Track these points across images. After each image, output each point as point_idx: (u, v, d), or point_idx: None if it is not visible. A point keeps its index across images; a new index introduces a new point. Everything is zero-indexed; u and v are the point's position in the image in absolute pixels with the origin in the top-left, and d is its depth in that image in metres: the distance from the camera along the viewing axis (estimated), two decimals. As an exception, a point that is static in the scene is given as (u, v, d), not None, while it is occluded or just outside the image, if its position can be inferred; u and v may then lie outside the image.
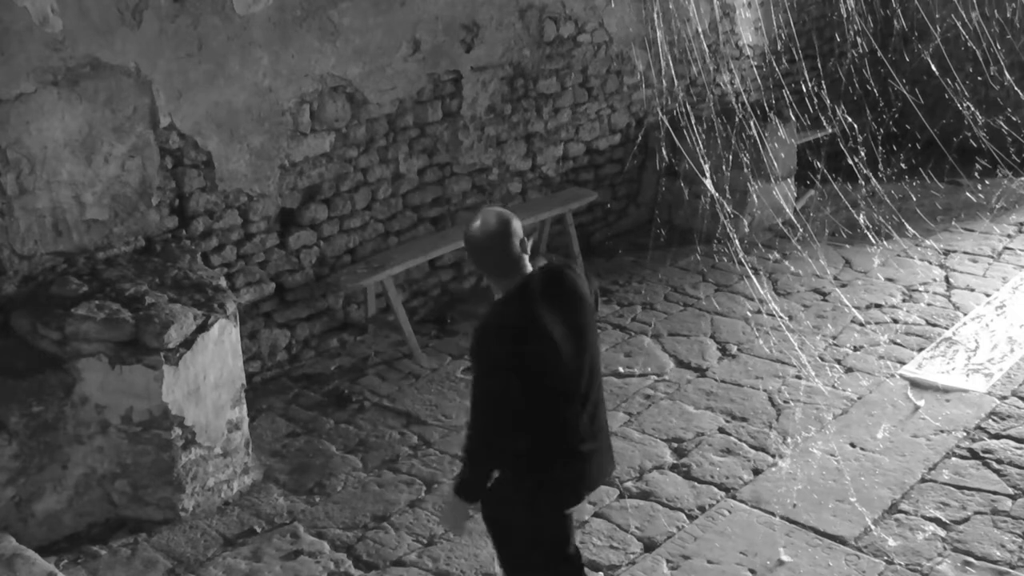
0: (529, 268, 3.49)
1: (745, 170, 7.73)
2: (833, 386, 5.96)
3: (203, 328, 4.87)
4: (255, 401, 5.71)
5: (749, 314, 6.88)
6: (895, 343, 6.43)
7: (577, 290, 3.55)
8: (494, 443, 3.48)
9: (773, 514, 4.83)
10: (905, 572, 4.43)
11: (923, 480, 5.05)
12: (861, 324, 6.68)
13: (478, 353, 3.45)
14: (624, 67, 8.01)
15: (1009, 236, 8.05)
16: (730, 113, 7.90)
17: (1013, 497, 4.88)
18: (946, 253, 7.76)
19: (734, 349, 6.44)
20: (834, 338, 6.55)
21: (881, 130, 8.71)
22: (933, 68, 8.59)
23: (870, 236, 7.73)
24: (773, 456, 5.31)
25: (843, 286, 7.21)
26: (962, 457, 5.22)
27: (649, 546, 4.67)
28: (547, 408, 3.47)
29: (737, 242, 7.19)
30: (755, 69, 8.83)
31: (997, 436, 5.37)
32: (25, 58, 4.87)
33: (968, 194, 8.67)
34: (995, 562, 4.46)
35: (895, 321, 6.73)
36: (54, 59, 4.96)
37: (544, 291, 3.45)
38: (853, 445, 5.37)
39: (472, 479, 3.55)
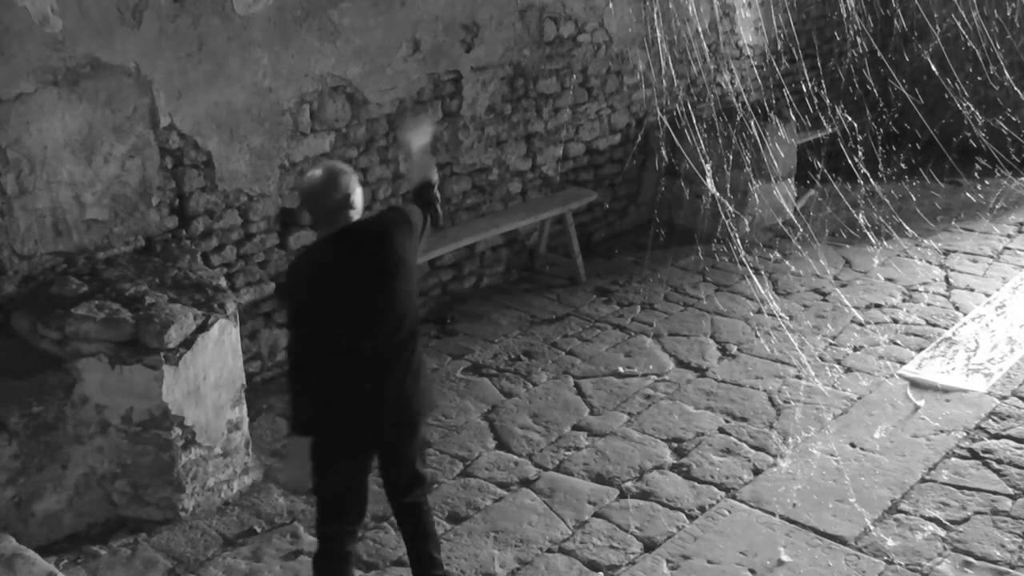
0: (351, 221, 3.76)
1: (746, 169, 7.73)
2: (833, 386, 5.96)
3: (203, 328, 4.87)
4: (255, 401, 5.71)
5: (749, 314, 6.88)
6: (895, 343, 6.44)
7: (387, 243, 3.77)
8: (294, 373, 3.78)
9: (773, 514, 4.83)
10: (905, 572, 4.44)
11: (923, 480, 5.05)
12: (861, 324, 6.68)
13: (280, 287, 3.87)
14: (624, 67, 8.01)
15: (1009, 236, 8.06)
16: (730, 113, 7.90)
17: (1013, 497, 4.88)
18: (946, 253, 7.76)
19: (734, 349, 6.44)
20: (834, 338, 6.56)
21: (881, 130, 8.71)
22: (933, 68, 8.59)
23: (870, 236, 7.74)
24: (773, 456, 5.31)
25: (843, 286, 7.22)
26: (962, 457, 5.22)
27: (649, 546, 4.67)
28: (332, 347, 3.72)
29: (738, 242, 7.19)
30: (755, 69, 8.83)
31: (997, 436, 5.38)
32: (25, 58, 4.87)
33: (968, 194, 8.68)
34: (995, 562, 4.46)
35: (895, 321, 6.73)
36: (54, 59, 4.96)
37: (345, 238, 3.73)
38: (853, 445, 5.37)
39: (292, 408, 3.82)
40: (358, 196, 3.79)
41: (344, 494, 3.94)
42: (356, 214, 3.79)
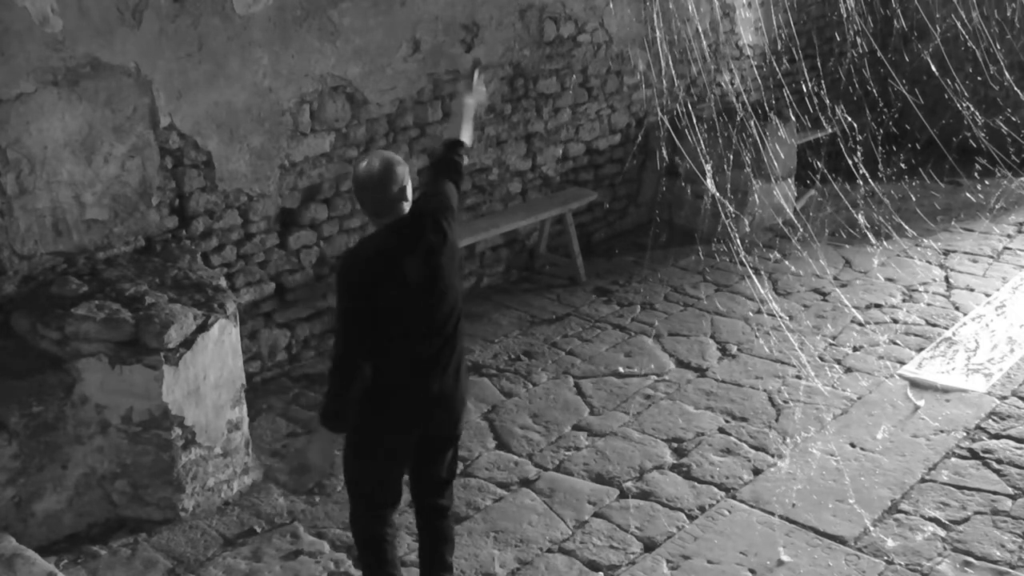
0: (405, 212, 3.72)
1: (746, 169, 7.74)
2: (833, 386, 5.96)
3: (203, 328, 4.87)
4: (255, 401, 5.71)
5: (749, 314, 6.89)
6: (895, 343, 6.44)
7: (440, 233, 3.76)
8: (344, 369, 3.65)
9: (773, 514, 4.83)
10: (905, 572, 4.43)
11: (923, 480, 5.05)
12: (861, 324, 6.68)
13: (336, 281, 3.74)
14: (624, 67, 8.01)
15: (1009, 236, 8.06)
16: (730, 113, 7.91)
17: (1013, 497, 4.88)
18: (946, 253, 7.77)
19: (734, 349, 6.44)
20: (834, 338, 6.56)
21: (881, 130, 8.71)
22: (933, 68, 8.60)
23: (870, 236, 7.74)
24: (773, 456, 5.31)
25: (843, 286, 7.22)
26: (962, 457, 5.22)
27: (649, 546, 4.67)
28: (391, 339, 3.67)
29: (738, 242, 7.19)
30: (755, 69, 8.83)
31: (997, 436, 5.38)
32: (25, 58, 4.87)
33: (968, 194, 8.68)
34: (995, 562, 4.46)
35: (895, 321, 6.73)
36: (54, 59, 4.96)
37: (405, 229, 3.69)
38: (853, 445, 5.37)
39: (330, 405, 3.74)
40: (410, 187, 3.75)
41: (384, 489, 3.93)
42: (408, 205, 3.74)
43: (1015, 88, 8.61)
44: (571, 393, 6.01)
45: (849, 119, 7.94)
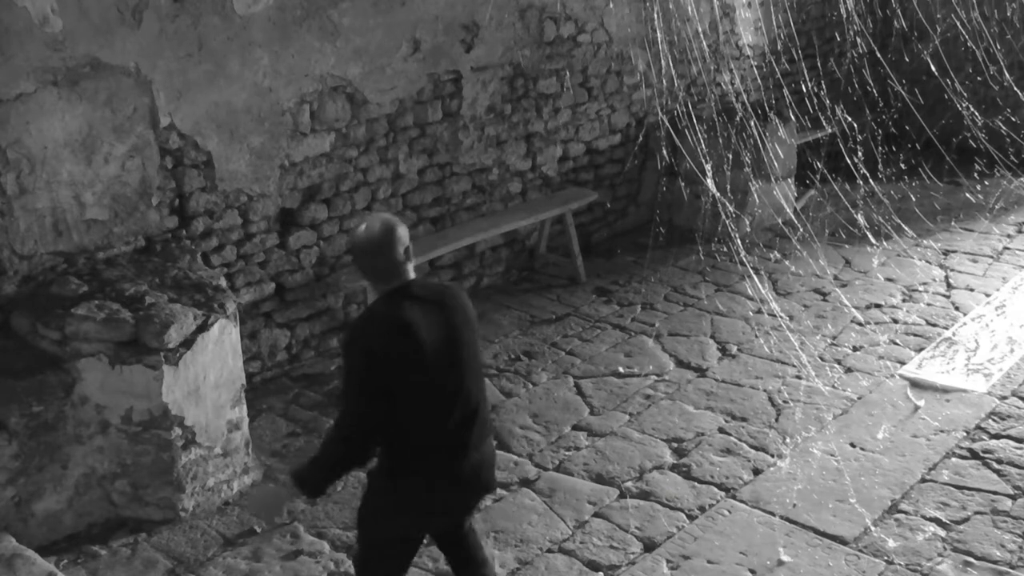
0: (411, 276, 3.52)
1: (746, 169, 7.74)
2: (833, 386, 5.96)
3: (203, 328, 4.87)
4: (255, 401, 5.71)
5: (749, 314, 6.88)
6: (895, 343, 6.44)
7: (457, 301, 3.58)
8: (350, 442, 3.41)
9: (773, 514, 4.83)
10: (905, 572, 4.43)
11: (923, 480, 5.05)
12: (861, 324, 6.68)
13: (345, 348, 3.49)
14: (624, 67, 8.01)
15: (1009, 236, 8.06)
16: (730, 113, 7.91)
17: (1013, 497, 4.88)
18: (946, 253, 7.77)
19: (734, 349, 6.44)
20: (834, 338, 6.56)
21: (880, 130, 8.72)
22: (932, 68, 8.60)
23: (870, 236, 7.74)
24: (773, 456, 5.31)
25: (843, 286, 7.22)
26: (962, 457, 5.22)
27: (649, 546, 4.67)
28: (408, 412, 3.41)
29: (738, 242, 7.19)
30: (755, 69, 8.83)
31: (997, 436, 5.38)
32: (25, 58, 4.87)
33: (967, 194, 8.69)
34: (995, 562, 4.46)
35: (895, 321, 6.73)
36: (54, 59, 4.96)
37: (421, 296, 3.49)
38: (853, 445, 5.37)
39: (315, 473, 3.47)
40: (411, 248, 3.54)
41: (400, 560, 3.71)
42: (412, 267, 3.54)
43: (1015, 88, 8.61)
44: (571, 393, 6.01)
45: (849, 119, 7.94)
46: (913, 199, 8.42)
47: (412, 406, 3.41)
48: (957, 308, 6.90)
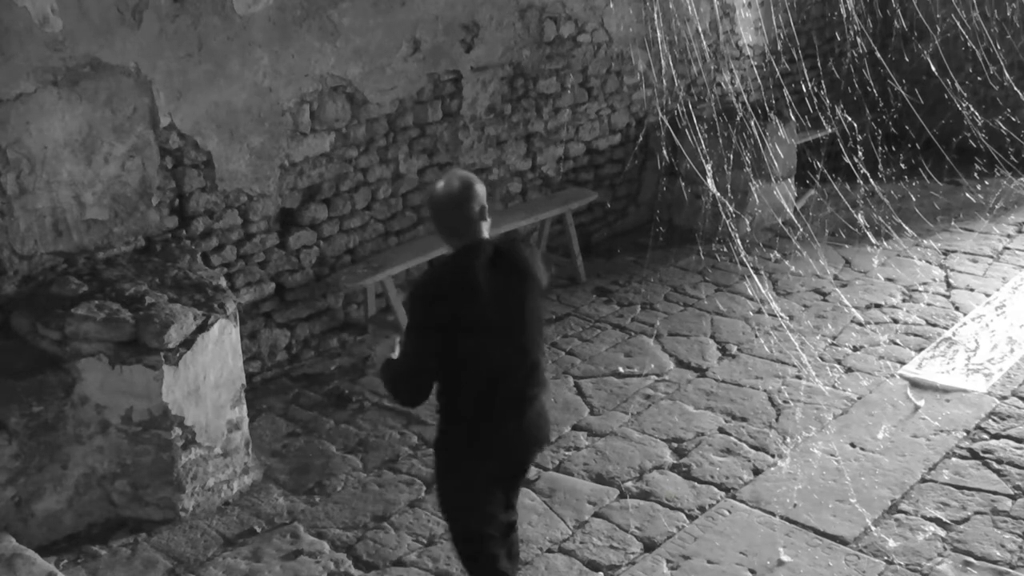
0: (485, 235, 3.57)
1: (746, 169, 7.74)
2: (833, 386, 5.96)
3: (203, 328, 4.87)
4: (255, 401, 5.71)
5: (749, 314, 6.88)
6: (895, 343, 6.44)
7: (524, 261, 3.64)
8: (409, 381, 3.54)
9: (773, 514, 4.83)
10: (905, 572, 4.43)
11: (923, 480, 5.05)
12: (861, 324, 6.68)
13: (410, 304, 3.57)
14: (624, 67, 8.01)
15: (1009, 236, 8.06)
16: (730, 113, 7.91)
17: (1013, 497, 4.88)
18: (946, 253, 7.77)
19: (734, 349, 6.44)
20: (834, 338, 6.56)
21: (880, 130, 8.72)
22: (932, 68, 8.60)
23: (870, 236, 7.74)
24: (773, 456, 5.31)
25: (843, 286, 7.22)
26: (962, 457, 5.22)
27: (649, 546, 4.67)
28: (470, 369, 3.51)
29: (738, 242, 7.19)
30: (755, 69, 8.83)
31: (997, 436, 5.38)
32: (25, 58, 4.87)
33: (967, 194, 8.68)
34: (995, 562, 4.46)
35: (895, 321, 6.73)
36: (54, 59, 4.96)
37: (490, 257, 3.52)
38: (853, 445, 5.37)
39: (388, 381, 3.64)
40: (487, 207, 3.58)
41: (483, 516, 3.76)
42: (487, 226, 3.58)
43: (1015, 88, 8.61)
44: (571, 393, 6.01)
45: (849, 119, 7.95)
46: (913, 199, 8.42)
47: (475, 359, 3.49)
48: (957, 308, 6.90)
